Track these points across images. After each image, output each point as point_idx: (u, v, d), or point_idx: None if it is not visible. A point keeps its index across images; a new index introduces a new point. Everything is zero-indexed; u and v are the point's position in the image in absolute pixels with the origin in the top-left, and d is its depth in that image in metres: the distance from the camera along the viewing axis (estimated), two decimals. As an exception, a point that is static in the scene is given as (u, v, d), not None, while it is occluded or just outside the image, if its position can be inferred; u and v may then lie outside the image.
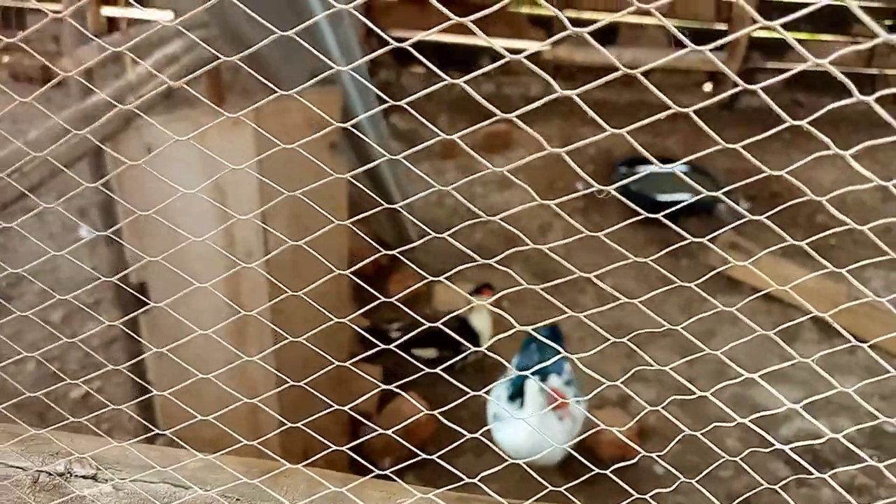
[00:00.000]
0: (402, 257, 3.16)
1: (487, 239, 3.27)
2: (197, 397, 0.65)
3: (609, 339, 0.52)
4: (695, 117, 0.41)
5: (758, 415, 0.58)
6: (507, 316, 0.50)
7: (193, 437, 0.71)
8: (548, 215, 3.38)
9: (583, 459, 0.61)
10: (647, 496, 0.61)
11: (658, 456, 0.59)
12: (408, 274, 2.97)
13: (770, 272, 2.80)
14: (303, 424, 0.66)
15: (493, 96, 4.68)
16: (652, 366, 0.55)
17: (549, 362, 0.59)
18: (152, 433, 0.77)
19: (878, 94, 0.40)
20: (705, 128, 0.42)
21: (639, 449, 0.58)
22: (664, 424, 2.31)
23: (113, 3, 4.15)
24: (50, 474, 0.67)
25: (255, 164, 0.93)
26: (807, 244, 0.49)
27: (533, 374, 2.12)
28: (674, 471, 0.58)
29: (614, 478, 0.62)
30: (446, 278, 0.58)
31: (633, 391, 2.52)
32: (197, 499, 0.65)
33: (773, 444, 0.59)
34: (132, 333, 1.63)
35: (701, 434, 0.56)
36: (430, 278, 0.54)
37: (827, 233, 0.47)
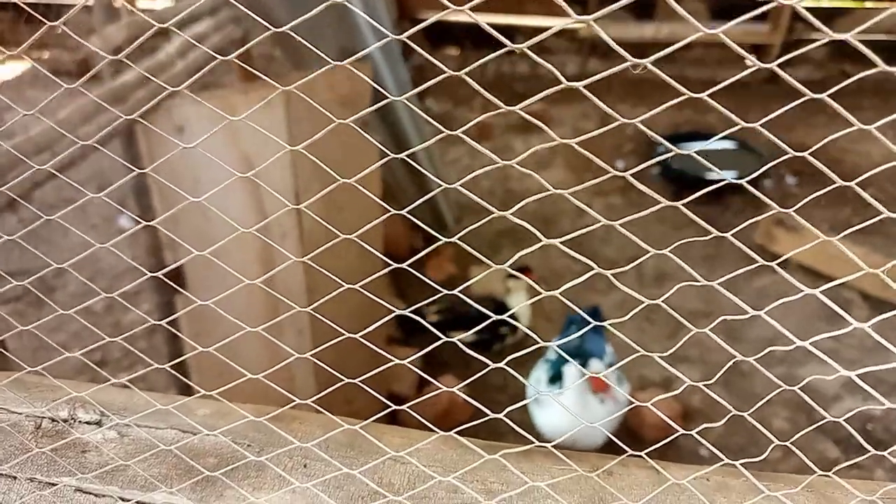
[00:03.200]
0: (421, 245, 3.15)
1: (524, 221, 3.24)
2: (232, 379, 0.64)
3: (650, 323, 0.49)
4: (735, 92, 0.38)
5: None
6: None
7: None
8: (586, 195, 3.33)
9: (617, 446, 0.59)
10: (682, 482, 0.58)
11: (702, 437, 0.56)
12: (444, 258, 2.95)
13: (817, 248, 2.72)
14: (339, 406, 0.64)
15: (529, 76, 4.62)
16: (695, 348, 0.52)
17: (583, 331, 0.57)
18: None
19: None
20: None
21: (677, 427, 0.56)
22: (709, 405, 2.27)
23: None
24: (53, 420, 0.65)
25: (287, 143, 0.92)
26: (856, 220, 0.46)
27: (573, 356, 2.09)
28: (717, 452, 0.56)
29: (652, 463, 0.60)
30: (481, 261, 0.56)
31: (676, 372, 2.48)
32: (206, 443, 0.64)
33: (821, 425, 0.56)
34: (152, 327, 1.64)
35: (747, 414, 0.53)
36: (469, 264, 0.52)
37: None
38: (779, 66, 0.43)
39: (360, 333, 0.52)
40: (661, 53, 0.39)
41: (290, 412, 0.65)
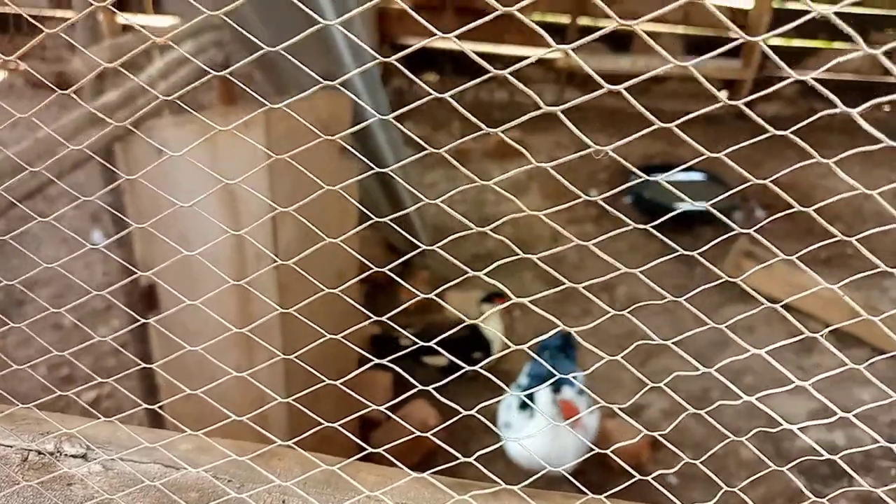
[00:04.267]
0: (401, 263, 3.14)
1: (499, 247, 3.27)
2: (202, 400, 0.65)
3: (621, 350, 0.50)
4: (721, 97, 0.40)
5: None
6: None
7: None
8: (560, 222, 3.37)
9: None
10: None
11: (671, 466, 0.57)
12: (419, 282, 2.96)
13: (785, 281, 2.77)
14: (312, 431, 0.65)
15: (507, 104, 4.67)
16: (665, 376, 0.53)
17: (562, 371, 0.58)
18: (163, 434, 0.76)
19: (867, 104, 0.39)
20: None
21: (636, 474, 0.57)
22: (677, 435, 2.29)
23: (127, 9, 4.18)
24: (39, 453, 0.66)
25: (265, 168, 0.93)
26: (823, 254, 0.48)
27: (544, 382, 2.10)
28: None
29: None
30: (456, 286, 0.57)
31: (646, 401, 2.51)
32: (188, 478, 0.65)
33: (788, 455, 0.58)
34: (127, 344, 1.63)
35: (716, 445, 0.55)
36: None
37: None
38: (750, 102, 0.45)
39: (339, 378, 0.53)
40: (624, 140, 0.41)
41: (268, 448, 0.67)
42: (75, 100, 0.64)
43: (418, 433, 0.60)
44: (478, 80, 0.46)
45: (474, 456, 0.54)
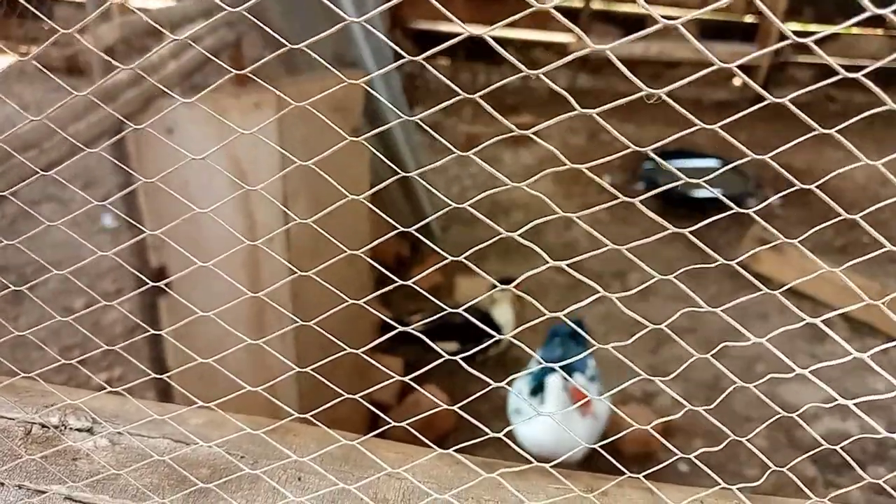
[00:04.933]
0: (413, 244, 3.14)
1: (511, 231, 3.25)
2: (213, 382, 0.64)
3: (634, 335, 0.50)
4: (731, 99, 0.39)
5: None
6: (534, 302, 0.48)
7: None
8: (572, 208, 3.35)
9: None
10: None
11: (685, 453, 0.57)
12: (430, 266, 2.95)
13: (800, 269, 2.75)
14: (321, 412, 0.64)
15: (519, 88, 4.64)
16: (678, 361, 0.53)
17: (574, 359, 0.57)
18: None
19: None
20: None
21: (676, 451, 0.56)
22: (689, 421, 2.28)
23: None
24: (44, 426, 0.64)
25: (277, 151, 0.92)
26: (839, 242, 0.47)
27: (554, 371, 2.10)
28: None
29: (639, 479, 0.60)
30: (466, 272, 0.56)
31: (657, 389, 2.49)
32: (199, 453, 0.63)
33: (800, 444, 0.57)
34: (141, 325, 1.63)
35: (727, 437, 0.54)
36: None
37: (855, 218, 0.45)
38: (764, 87, 0.44)
39: (359, 352, 0.52)
40: (681, 83, 0.40)
41: (283, 424, 0.65)
42: (85, 81, 0.64)
43: (440, 405, 0.58)
44: (511, 19, 0.45)
45: (503, 432, 0.53)
